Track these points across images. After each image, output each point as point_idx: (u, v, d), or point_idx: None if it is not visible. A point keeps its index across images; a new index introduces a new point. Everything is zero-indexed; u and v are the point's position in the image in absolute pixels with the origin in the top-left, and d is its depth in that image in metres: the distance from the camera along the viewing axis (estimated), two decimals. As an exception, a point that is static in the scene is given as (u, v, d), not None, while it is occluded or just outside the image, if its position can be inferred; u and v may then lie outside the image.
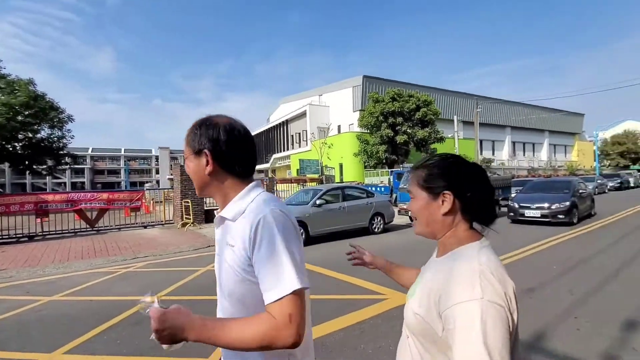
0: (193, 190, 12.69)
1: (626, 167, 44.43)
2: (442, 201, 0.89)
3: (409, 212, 0.95)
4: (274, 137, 41.39)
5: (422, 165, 0.94)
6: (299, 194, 10.32)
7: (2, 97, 20.19)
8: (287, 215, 0.90)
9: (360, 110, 28.61)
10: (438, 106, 24.84)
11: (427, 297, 0.83)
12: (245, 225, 0.88)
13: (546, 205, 10.27)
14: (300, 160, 18.19)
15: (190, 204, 11.98)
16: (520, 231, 9.32)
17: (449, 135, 25.94)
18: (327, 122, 33.02)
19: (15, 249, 8.86)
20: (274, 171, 43.38)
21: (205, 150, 0.95)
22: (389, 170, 24.52)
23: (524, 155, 40.90)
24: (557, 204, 10.16)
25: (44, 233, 10.93)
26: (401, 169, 20.85)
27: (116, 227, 12.24)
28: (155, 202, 17.80)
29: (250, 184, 0.99)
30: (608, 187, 25.64)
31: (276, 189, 15.74)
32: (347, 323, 3.67)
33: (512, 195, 13.25)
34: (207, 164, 0.96)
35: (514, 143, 39.66)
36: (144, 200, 13.72)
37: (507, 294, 0.76)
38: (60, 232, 11.15)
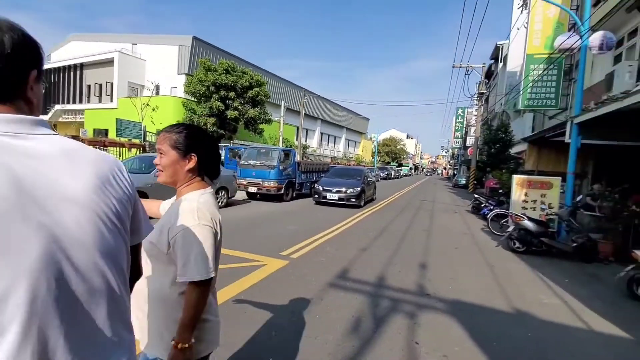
0: None
1: (389, 163, 61.21)
2: (189, 160, 1.22)
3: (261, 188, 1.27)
4: (59, 83, 31.69)
5: (176, 131, 1.22)
6: (133, 160, 8.79)
7: None
8: None
9: (187, 74, 26.16)
10: (267, 89, 25.96)
11: (160, 230, 1.18)
12: None
13: (343, 189, 11.62)
14: (117, 120, 14.88)
15: None
16: (329, 211, 11.28)
17: (276, 119, 27.76)
18: (143, 78, 28.29)
19: None
20: (55, 126, 33.40)
21: None
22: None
23: (327, 145, 48.89)
24: (351, 189, 11.65)
25: None
26: (232, 144, 20.84)
27: None
28: None
29: None
30: (380, 176, 34.73)
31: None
32: (242, 288, 3.84)
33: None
34: None
35: (322, 134, 46.68)
36: None
37: (214, 219, 1.20)
38: None
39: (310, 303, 3.60)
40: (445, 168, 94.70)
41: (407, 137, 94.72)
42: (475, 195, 12.43)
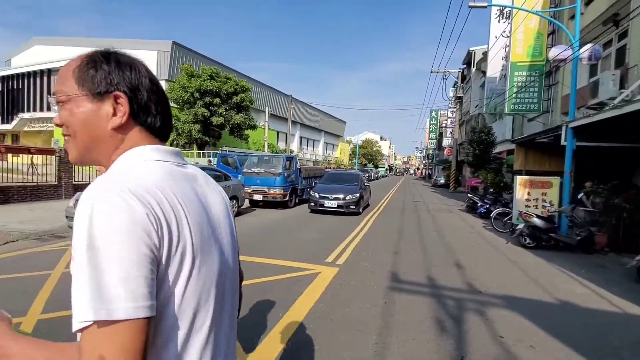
0: None
1: (365, 164, 62.48)
2: None
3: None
4: (23, 90, 29.71)
5: None
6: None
7: None
8: (123, 206, 0.58)
9: (167, 80, 25.44)
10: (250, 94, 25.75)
11: None
12: None
13: (342, 196, 10.87)
14: None
15: None
16: (337, 217, 10.93)
17: (261, 124, 27.62)
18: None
19: None
20: (18, 136, 31.22)
21: (118, 93, 0.69)
22: (201, 151, 23.48)
23: (307, 148, 49.10)
24: (350, 196, 10.87)
25: None
26: (221, 151, 20.52)
27: None
28: None
29: (141, 147, 0.72)
30: (362, 178, 35.41)
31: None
32: (316, 296, 3.98)
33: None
34: (116, 112, 0.70)
35: (301, 138, 46.82)
36: None
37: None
38: None
39: (386, 307, 3.81)
40: (418, 168, 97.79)
41: (381, 138, 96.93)
42: (469, 195, 13.13)
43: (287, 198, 11.96)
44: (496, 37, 16.88)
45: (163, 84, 25.69)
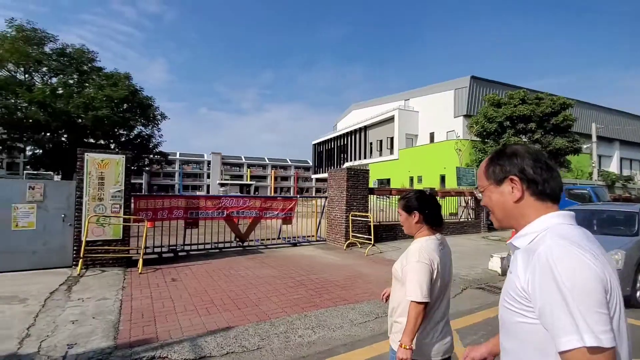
0: (359, 201, 10.21)
1: None
2: (414, 216, 1.89)
3: None
4: (347, 145, 38.98)
5: (405, 198, 1.95)
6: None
7: (105, 90, 19.16)
8: (575, 255, 0.77)
9: (465, 115, 25.44)
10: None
11: (400, 262, 1.89)
12: (525, 255, 0.87)
13: None
14: (457, 168, 15.62)
15: (371, 222, 9.38)
16: None
17: (585, 147, 22.05)
18: (417, 128, 30.06)
19: (181, 274, 6.54)
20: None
21: (512, 177, 0.97)
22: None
23: (632, 172, 35.66)
24: None
25: (187, 248, 8.81)
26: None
27: (260, 243, 10.00)
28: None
29: (551, 213, 0.93)
30: None
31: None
32: None
33: None
34: (513, 190, 0.97)
35: (621, 159, 34.61)
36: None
37: (432, 259, 1.76)
38: (203, 246, 9.05)
39: None
40: None
41: None
42: None
43: None
44: None
45: (460, 119, 26.03)
